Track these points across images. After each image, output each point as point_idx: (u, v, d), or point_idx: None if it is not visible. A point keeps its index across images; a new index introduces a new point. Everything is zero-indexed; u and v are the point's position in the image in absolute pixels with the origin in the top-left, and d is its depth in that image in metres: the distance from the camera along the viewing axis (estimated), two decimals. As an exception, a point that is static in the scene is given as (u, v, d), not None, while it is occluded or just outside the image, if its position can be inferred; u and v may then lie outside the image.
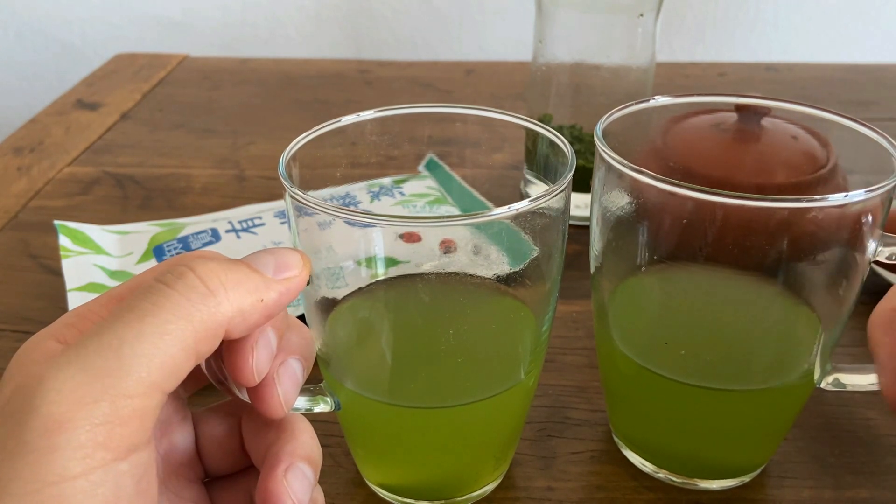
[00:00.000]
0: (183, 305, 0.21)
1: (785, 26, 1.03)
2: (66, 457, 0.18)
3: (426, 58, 1.02)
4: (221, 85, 0.84)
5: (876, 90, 0.82)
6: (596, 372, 0.42)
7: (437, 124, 0.34)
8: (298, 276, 0.24)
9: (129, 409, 0.19)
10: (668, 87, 0.82)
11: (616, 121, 0.33)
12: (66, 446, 0.18)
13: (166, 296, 0.21)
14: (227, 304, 0.22)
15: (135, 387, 0.19)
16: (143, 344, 0.20)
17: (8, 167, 0.66)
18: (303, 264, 0.24)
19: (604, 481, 0.36)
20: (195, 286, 0.21)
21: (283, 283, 0.23)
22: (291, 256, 0.24)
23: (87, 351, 0.20)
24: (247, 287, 0.22)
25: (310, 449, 0.25)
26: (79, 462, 0.19)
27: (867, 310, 0.47)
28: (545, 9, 0.52)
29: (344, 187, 0.35)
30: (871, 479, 0.35)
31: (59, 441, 0.18)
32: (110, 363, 0.19)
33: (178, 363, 0.20)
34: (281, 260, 0.24)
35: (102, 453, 0.19)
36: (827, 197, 0.26)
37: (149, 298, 0.21)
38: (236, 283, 0.22)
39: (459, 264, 0.31)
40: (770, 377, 0.32)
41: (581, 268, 0.50)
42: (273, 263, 0.24)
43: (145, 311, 0.20)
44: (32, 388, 0.19)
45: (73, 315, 0.24)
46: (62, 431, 0.18)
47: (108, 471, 0.19)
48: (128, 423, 0.19)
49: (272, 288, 0.23)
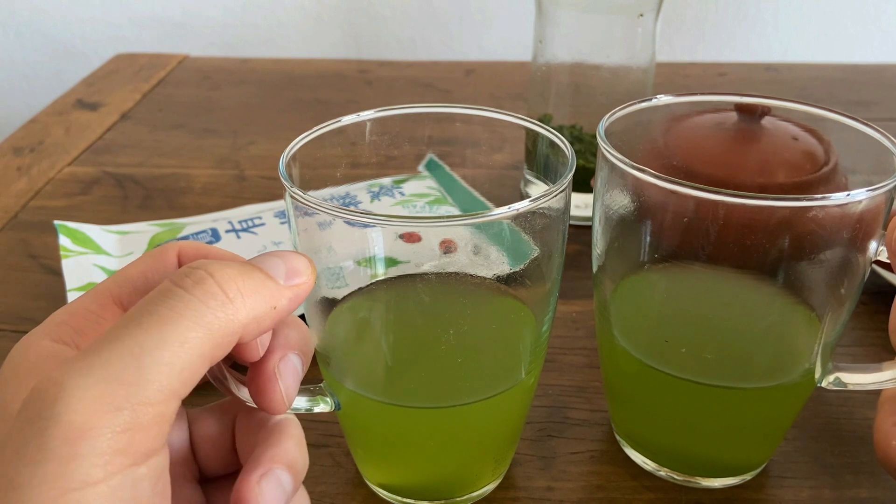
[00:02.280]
0: (202, 312, 0.21)
1: (785, 26, 1.03)
2: (88, 464, 0.19)
3: (426, 58, 1.02)
4: (221, 85, 0.84)
5: (876, 90, 0.82)
6: (596, 372, 0.42)
7: (437, 124, 0.34)
8: (307, 281, 0.24)
9: (150, 417, 0.20)
10: (668, 87, 0.82)
11: (618, 120, 0.33)
12: (89, 453, 0.19)
13: (185, 302, 0.21)
14: (244, 312, 0.22)
15: (155, 395, 0.20)
16: (163, 352, 0.20)
17: (8, 167, 0.66)
18: (311, 270, 0.24)
19: (604, 481, 0.36)
20: (214, 293, 0.21)
21: (293, 289, 0.24)
22: (300, 261, 0.24)
23: (108, 357, 0.20)
24: (262, 294, 0.22)
25: (292, 456, 0.25)
26: (100, 468, 0.19)
27: (867, 310, 0.47)
28: (545, 9, 0.52)
29: (344, 187, 0.35)
30: (871, 479, 0.35)
31: (82, 448, 0.19)
32: (131, 371, 0.19)
33: (195, 370, 0.21)
34: (291, 265, 0.24)
35: (122, 459, 0.19)
36: (829, 196, 0.26)
37: (167, 303, 0.21)
38: (253, 290, 0.22)
39: (459, 264, 0.30)
40: (771, 375, 0.32)
41: (581, 267, 0.50)
42: (284, 269, 0.24)
43: (165, 317, 0.20)
44: (53, 395, 0.19)
45: (65, 313, 0.24)
46: (85, 439, 0.19)
47: (127, 476, 0.19)
48: (147, 430, 0.20)
49: (284, 295, 0.23)
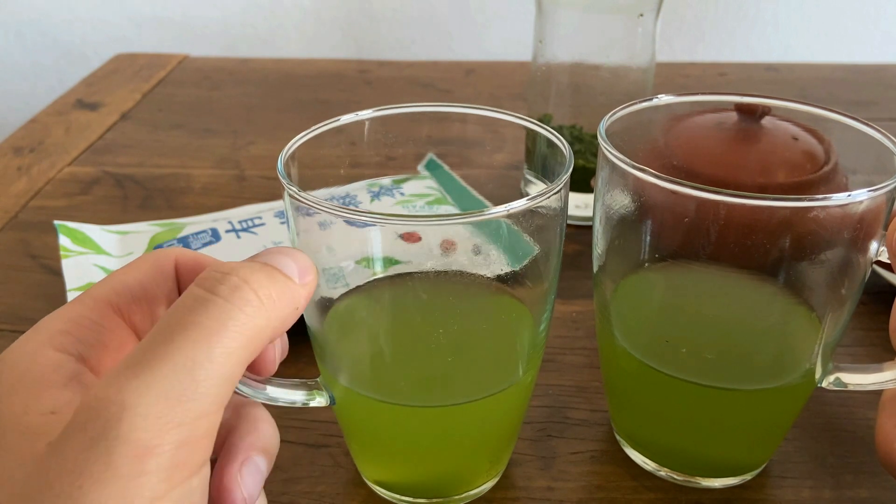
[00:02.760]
0: (242, 321, 0.21)
1: (785, 26, 1.03)
2: (154, 479, 0.19)
3: (426, 58, 1.02)
4: (221, 85, 0.84)
5: (876, 90, 0.82)
6: (596, 372, 0.42)
7: (437, 124, 0.34)
8: (314, 279, 0.24)
9: (204, 429, 0.20)
10: (668, 87, 0.82)
11: (618, 120, 0.33)
12: (155, 470, 0.19)
13: (227, 312, 0.21)
14: (276, 317, 0.22)
15: (210, 408, 0.20)
16: (213, 365, 0.20)
17: (8, 167, 0.66)
18: (314, 267, 0.25)
19: (604, 481, 0.36)
20: (250, 300, 0.22)
21: (307, 287, 0.24)
22: (306, 259, 0.24)
23: (164, 374, 0.20)
24: (289, 297, 0.23)
25: (267, 440, 0.26)
26: (164, 483, 0.19)
27: (867, 310, 0.47)
28: (545, 9, 0.52)
29: (344, 187, 0.35)
30: (871, 479, 0.35)
31: (148, 466, 0.19)
32: (186, 386, 0.20)
33: (236, 379, 0.21)
34: (301, 264, 0.24)
35: (181, 472, 0.20)
36: (829, 196, 0.26)
37: (209, 313, 0.21)
38: (280, 294, 0.23)
39: (458, 264, 0.30)
40: (771, 376, 0.32)
41: (581, 267, 0.50)
42: (296, 269, 0.24)
43: (210, 329, 0.21)
44: (116, 414, 0.19)
45: (64, 321, 0.24)
46: (150, 457, 0.19)
47: (184, 488, 0.20)
48: (201, 442, 0.20)
49: (301, 295, 0.24)
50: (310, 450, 0.37)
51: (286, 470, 0.36)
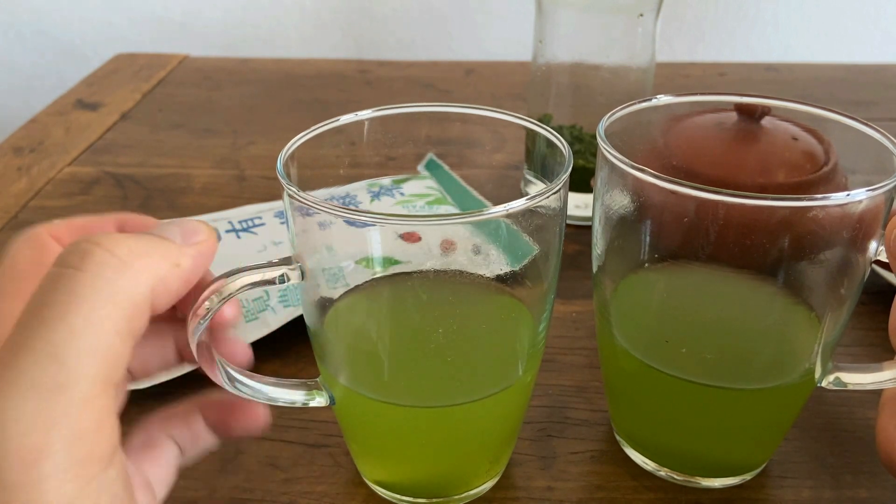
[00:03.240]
0: (101, 286, 0.19)
1: (785, 26, 1.03)
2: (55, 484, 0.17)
3: (426, 58, 1.02)
4: (221, 85, 0.84)
5: (876, 90, 0.82)
6: (596, 372, 0.42)
7: (437, 124, 0.34)
8: (207, 240, 0.23)
9: (94, 415, 0.18)
10: (668, 87, 0.82)
11: (618, 120, 0.33)
12: (53, 473, 0.17)
13: (80, 281, 0.19)
14: (145, 274, 0.20)
15: (89, 390, 0.18)
16: (77, 341, 0.18)
17: (8, 167, 0.66)
18: (209, 230, 0.24)
19: (604, 481, 0.36)
20: (107, 261, 0.19)
21: (195, 247, 0.23)
22: (196, 223, 0.24)
23: (24, 366, 0.18)
24: (160, 253, 0.21)
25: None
26: (69, 484, 0.18)
27: (867, 310, 0.47)
28: (545, 9, 0.52)
29: (344, 187, 0.35)
30: (871, 479, 0.35)
31: (44, 470, 0.17)
32: (55, 374, 0.18)
33: (118, 351, 0.19)
34: (186, 227, 0.23)
35: (89, 468, 0.18)
36: (829, 196, 0.26)
37: (61, 289, 0.19)
38: (147, 251, 0.21)
39: (458, 264, 0.30)
40: (771, 375, 0.32)
41: (581, 267, 0.50)
42: (179, 231, 0.23)
43: (65, 304, 0.18)
44: None
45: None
46: (42, 460, 0.17)
47: (100, 482, 0.18)
48: (100, 429, 0.19)
49: (185, 253, 0.22)
50: (310, 450, 0.37)
51: (286, 470, 0.36)
